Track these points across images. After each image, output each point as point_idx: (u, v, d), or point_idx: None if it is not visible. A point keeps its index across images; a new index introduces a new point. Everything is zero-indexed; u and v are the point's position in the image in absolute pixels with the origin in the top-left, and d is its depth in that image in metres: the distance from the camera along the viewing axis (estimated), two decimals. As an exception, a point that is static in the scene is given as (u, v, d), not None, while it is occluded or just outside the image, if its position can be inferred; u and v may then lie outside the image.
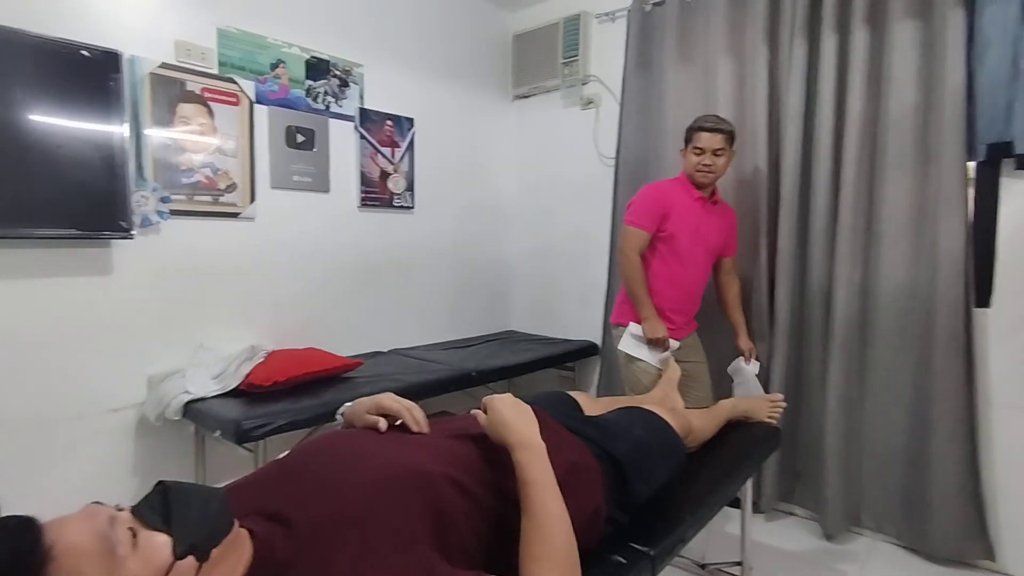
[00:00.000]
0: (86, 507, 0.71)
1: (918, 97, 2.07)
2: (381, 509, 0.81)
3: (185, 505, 0.73)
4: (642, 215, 2.15)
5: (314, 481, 0.87)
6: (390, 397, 1.08)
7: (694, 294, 2.24)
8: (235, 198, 2.27)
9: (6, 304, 1.77)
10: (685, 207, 2.15)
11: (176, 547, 0.69)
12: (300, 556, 0.76)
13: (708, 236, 2.18)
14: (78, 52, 1.78)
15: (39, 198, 1.74)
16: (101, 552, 0.65)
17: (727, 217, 2.27)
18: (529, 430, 0.99)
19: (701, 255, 2.19)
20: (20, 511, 1.79)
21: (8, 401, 1.78)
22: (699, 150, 2.09)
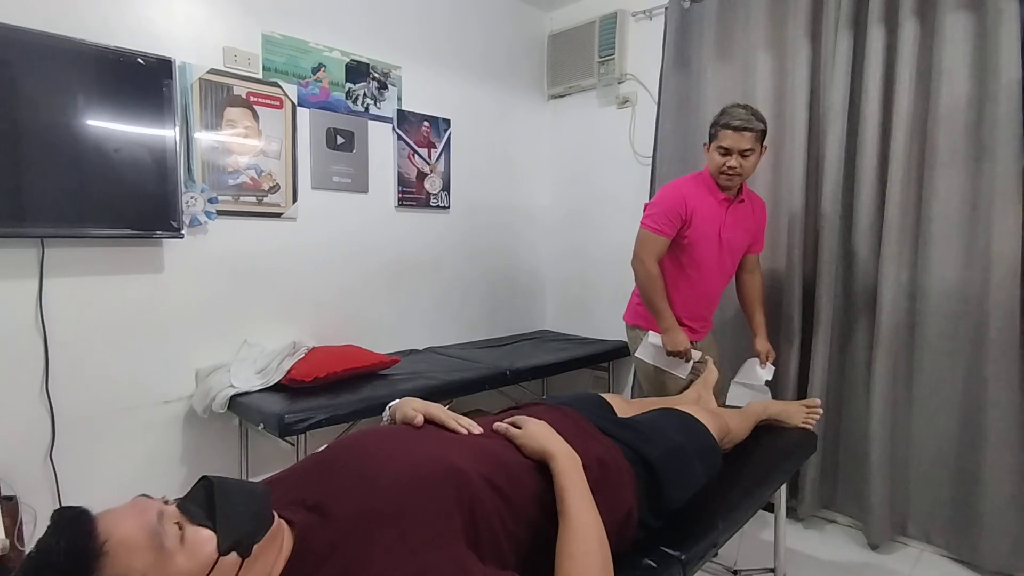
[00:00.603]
0: (134, 500, 0.74)
1: (971, 91, 1.99)
2: (416, 505, 0.83)
3: (229, 501, 0.75)
4: (662, 220, 1.98)
5: (352, 475, 0.89)
6: (439, 408, 1.12)
7: (714, 300, 2.15)
8: (278, 199, 2.35)
9: (67, 301, 1.87)
10: (708, 211, 1.99)
11: (220, 543, 0.71)
12: (336, 549, 0.78)
13: (732, 239, 2.05)
14: (134, 60, 1.87)
15: (97, 199, 1.83)
16: (150, 547, 0.68)
17: (755, 212, 2.10)
18: (565, 443, 1.03)
19: (725, 261, 2.06)
20: (80, 496, 1.90)
21: (69, 393, 1.88)
22: (724, 150, 1.90)
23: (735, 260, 2.11)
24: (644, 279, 2.02)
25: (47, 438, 1.85)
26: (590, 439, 1.16)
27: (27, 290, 1.80)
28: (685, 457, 1.26)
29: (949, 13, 2.00)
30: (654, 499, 1.17)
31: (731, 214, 2.03)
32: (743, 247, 2.10)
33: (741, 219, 2.05)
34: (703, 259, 2.02)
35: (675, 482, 1.21)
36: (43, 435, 1.85)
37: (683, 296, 2.07)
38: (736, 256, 2.10)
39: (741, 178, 1.97)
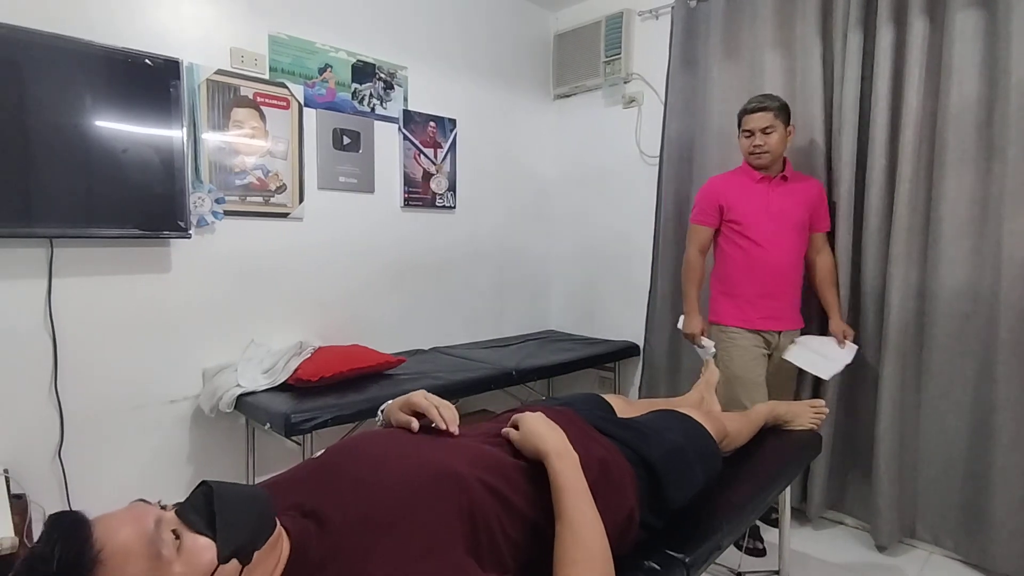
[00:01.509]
0: (131, 505, 0.72)
1: (981, 90, 1.97)
2: (414, 511, 0.82)
3: (228, 508, 0.73)
4: (699, 211, 2.23)
5: (349, 481, 0.88)
6: (421, 395, 1.09)
7: (784, 275, 2.13)
8: (284, 199, 2.36)
9: (75, 300, 1.88)
10: (746, 191, 2.14)
11: (220, 551, 0.70)
12: (334, 557, 0.77)
13: (785, 213, 2.10)
14: (142, 61, 1.88)
15: (105, 200, 1.84)
16: (147, 555, 0.66)
17: (808, 191, 2.15)
18: (563, 440, 1.01)
19: (783, 233, 2.10)
20: (88, 495, 1.91)
21: (77, 392, 1.90)
22: (748, 132, 2.09)
23: (797, 235, 2.12)
24: (684, 265, 2.28)
25: (56, 437, 1.87)
26: (590, 440, 1.15)
27: (36, 290, 1.82)
28: (685, 458, 1.25)
29: (959, 11, 1.98)
30: (655, 499, 1.17)
31: (776, 190, 2.12)
32: (801, 222, 2.12)
33: (789, 194, 2.12)
34: (758, 233, 2.11)
35: (676, 482, 1.20)
36: (52, 434, 1.86)
37: (749, 272, 2.14)
38: (797, 231, 2.12)
39: (770, 155, 2.07)
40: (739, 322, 2.16)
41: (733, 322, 2.17)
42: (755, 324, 2.15)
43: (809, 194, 2.15)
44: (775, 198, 2.11)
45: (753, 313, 2.14)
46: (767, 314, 2.14)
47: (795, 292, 2.18)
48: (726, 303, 2.20)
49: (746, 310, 2.15)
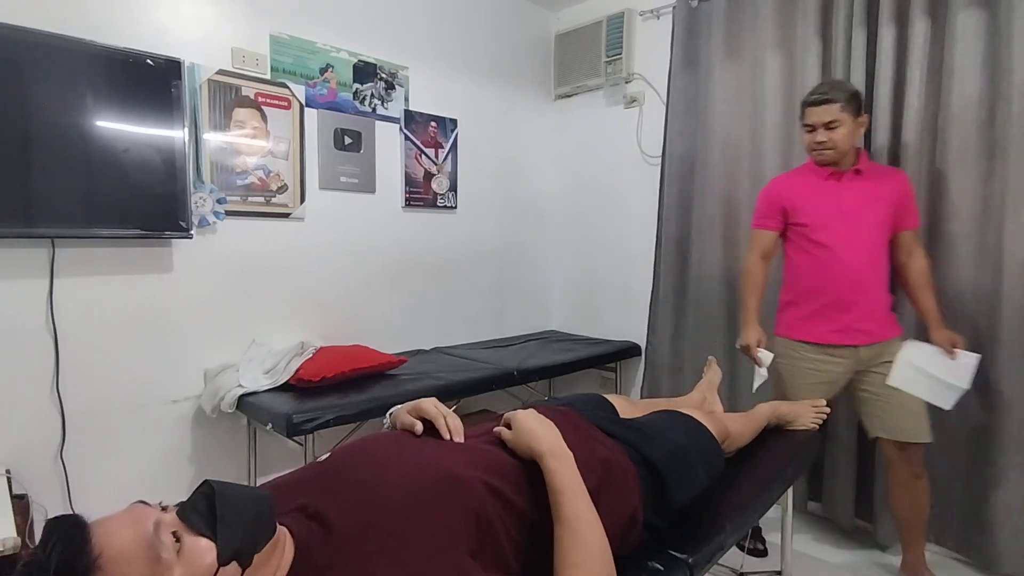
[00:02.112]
0: (131, 508, 0.71)
1: (982, 90, 1.97)
2: (418, 514, 0.82)
3: (229, 509, 0.72)
4: (760, 214, 2.04)
5: (353, 484, 0.88)
6: (431, 402, 1.09)
7: (862, 282, 1.86)
8: (286, 199, 2.36)
9: (77, 300, 1.89)
10: (813, 189, 1.93)
11: (220, 553, 0.69)
12: (337, 559, 0.77)
13: (860, 211, 1.86)
14: (143, 61, 1.88)
15: (107, 200, 1.84)
16: (147, 559, 0.65)
17: (889, 184, 1.88)
18: (557, 439, 1.00)
19: (858, 234, 1.86)
20: (89, 495, 1.91)
21: (79, 392, 1.90)
22: (809, 127, 1.87)
23: (878, 235, 1.87)
24: (742, 273, 2.10)
25: (57, 437, 1.87)
26: (593, 440, 1.15)
27: (38, 290, 1.82)
28: (688, 458, 1.25)
29: (961, 11, 1.98)
30: (658, 499, 1.17)
31: (849, 187, 1.89)
32: (881, 220, 1.86)
33: (865, 190, 1.88)
34: (827, 235, 1.89)
35: (679, 482, 1.20)
36: (53, 434, 1.86)
37: (818, 280, 1.91)
38: (877, 231, 1.87)
39: (835, 152, 1.85)
40: (806, 335, 1.94)
41: (799, 335, 1.95)
42: (825, 338, 1.90)
43: (890, 188, 1.88)
44: (848, 195, 1.87)
45: (823, 325, 1.91)
46: (840, 326, 1.88)
47: (878, 300, 1.89)
48: (793, 314, 1.98)
49: (815, 322, 1.92)
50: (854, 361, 1.90)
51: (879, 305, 1.89)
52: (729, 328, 2.63)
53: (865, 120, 1.88)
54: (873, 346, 1.89)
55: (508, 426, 1.06)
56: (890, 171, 1.96)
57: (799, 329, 1.96)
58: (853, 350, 1.89)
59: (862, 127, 1.88)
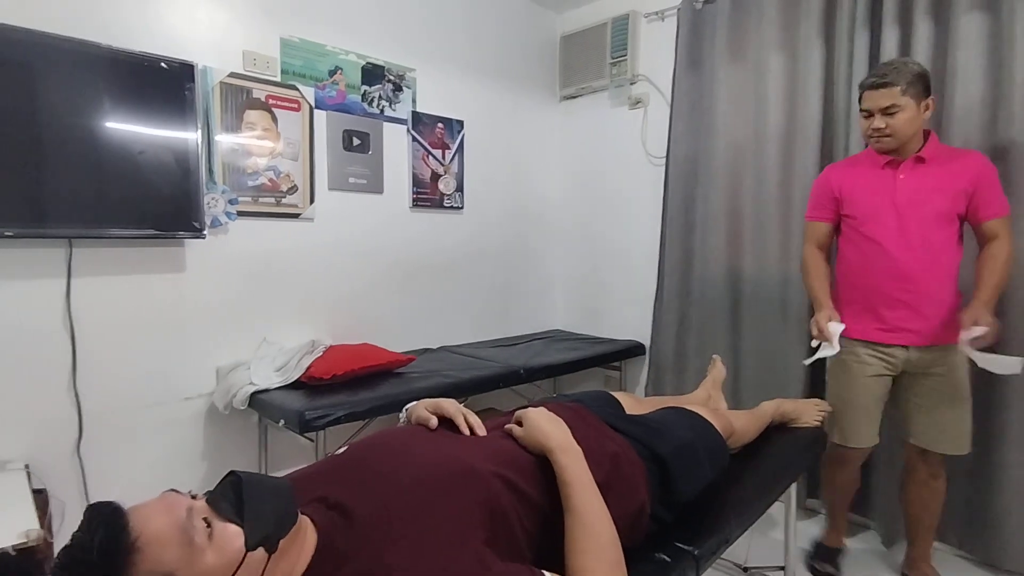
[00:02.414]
0: (163, 495, 0.75)
1: (985, 92, 1.99)
2: (435, 505, 0.85)
3: (256, 498, 0.76)
4: (812, 205, 1.96)
5: (372, 475, 0.92)
6: (450, 402, 1.13)
7: (915, 279, 1.72)
8: (296, 199, 2.39)
9: (93, 299, 1.92)
10: (867, 179, 1.81)
11: (248, 539, 0.73)
12: (358, 547, 0.80)
13: (918, 203, 1.72)
14: (158, 64, 1.92)
15: (123, 201, 1.88)
16: (180, 542, 0.69)
17: (959, 171, 1.70)
18: (566, 435, 1.04)
19: (914, 227, 1.72)
20: (105, 490, 1.94)
21: (95, 389, 1.93)
22: (866, 112, 1.73)
23: (934, 229, 1.72)
24: (801, 267, 2.00)
25: (74, 433, 1.91)
26: (602, 435, 1.19)
27: (56, 289, 1.85)
28: (694, 453, 1.28)
29: (964, 13, 2.00)
30: (665, 493, 1.20)
31: (907, 176, 1.75)
32: (943, 212, 1.71)
33: (926, 179, 1.73)
34: (877, 229, 1.78)
35: (685, 476, 1.23)
36: (71, 430, 1.90)
37: (867, 276, 1.81)
38: (939, 224, 1.72)
39: (893, 139, 1.71)
40: (855, 332, 1.84)
41: (848, 332, 1.83)
42: (871, 335, 1.81)
43: (959, 176, 1.70)
44: (905, 186, 1.74)
45: (870, 323, 1.82)
46: (886, 324, 1.78)
47: (932, 299, 1.73)
48: (843, 311, 1.86)
49: (863, 319, 1.83)
50: (902, 362, 1.80)
51: (935, 305, 1.73)
52: (733, 327, 2.66)
53: (933, 103, 1.72)
54: (924, 349, 1.76)
55: (519, 423, 1.09)
56: (962, 155, 1.75)
57: (849, 326, 1.83)
58: (902, 350, 1.79)
59: (928, 111, 1.72)
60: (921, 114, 1.70)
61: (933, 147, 1.75)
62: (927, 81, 1.70)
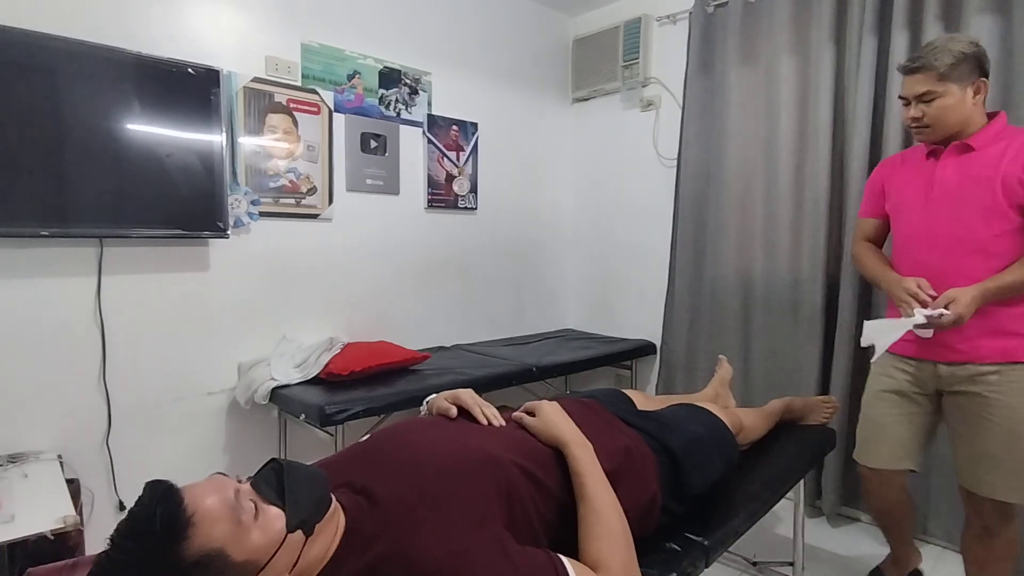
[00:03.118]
0: (213, 477, 0.81)
1: (995, 94, 2.00)
2: (457, 490, 0.90)
3: (296, 484, 0.82)
4: (864, 200, 1.81)
5: (396, 462, 0.96)
6: (467, 393, 1.19)
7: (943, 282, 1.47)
8: (315, 200, 2.45)
9: (122, 297, 1.99)
10: (910, 171, 1.64)
11: (289, 521, 0.78)
12: (383, 531, 0.85)
13: (953, 194, 1.51)
14: (185, 70, 1.99)
15: (152, 202, 1.95)
16: (230, 520, 0.74)
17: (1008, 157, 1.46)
18: (577, 429, 1.10)
19: (944, 223, 1.52)
20: (133, 480, 2.02)
21: (124, 383, 2.00)
22: (904, 100, 1.55)
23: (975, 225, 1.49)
24: (854, 262, 1.87)
25: (104, 425, 1.98)
26: (615, 429, 1.23)
27: (87, 286, 1.93)
28: (705, 446, 1.33)
29: (973, 16, 2.02)
30: (676, 485, 1.24)
31: (948, 168, 1.54)
32: (985, 203, 1.47)
33: (967, 170, 1.51)
34: (907, 226, 1.63)
35: (696, 470, 1.27)
36: (100, 422, 1.97)
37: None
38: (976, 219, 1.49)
39: (933, 130, 1.52)
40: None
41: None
42: (899, 348, 1.60)
43: (1014, 160, 1.45)
44: (942, 177, 1.54)
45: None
46: (914, 335, 1.56)
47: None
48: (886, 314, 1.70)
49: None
50: (931, 377, 1.58)
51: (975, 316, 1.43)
52: (743, 327, 2.69)
53: (984, 85, 1.49)
54: (957, 366, 1.52)
55: (530, 413, 1.14)
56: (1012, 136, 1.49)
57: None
58: (930, 366, 1.57)
59: (981, 94, 1.49)
60: (969, 99, 1.48)
61: (990, 132, 1.50)
62: (978, 60, 1.47)
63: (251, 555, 0.75)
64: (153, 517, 0.70)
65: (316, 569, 0.83)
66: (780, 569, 2.00)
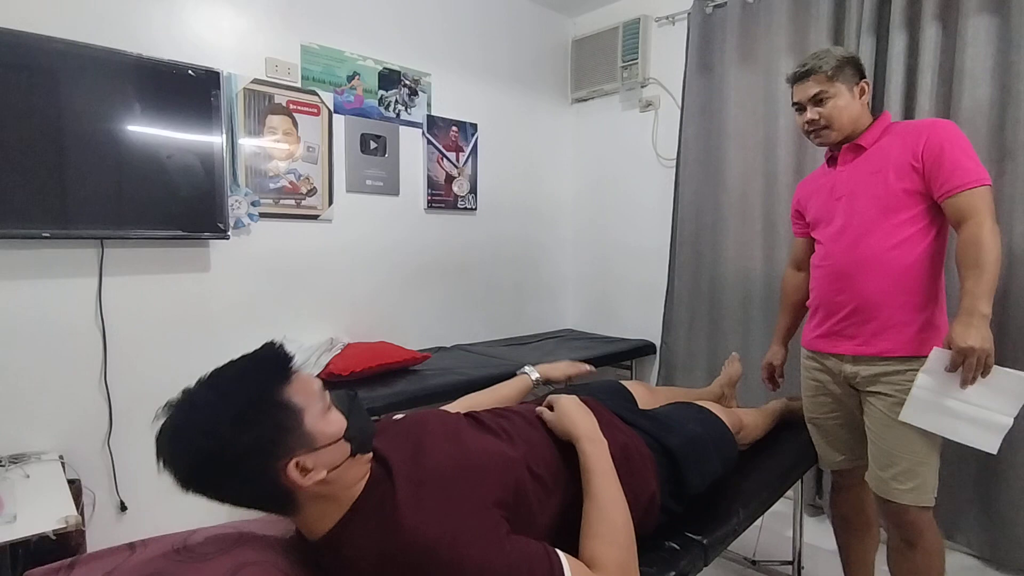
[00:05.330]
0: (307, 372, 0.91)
1: (993, 94, 2.02)
2: (467, 477, 0.92)
3: (359, 411, 0.92)
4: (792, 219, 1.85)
5: (416, 445, 0.99)
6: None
7: (849, 276, 1.51)
8: (315, 201, 2.46)
9: (123, 297, 2.00)
10: (818, 182, 1.68)
11: (348, 428, 0.86)
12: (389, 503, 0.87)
13: (854, 191, 1.53)
14: (185, 72, 1.99)
15: (152, 203, 1.96)
16: (317, 394, 0.86)
17: (900, 146, 1.46)
18: (594, 426, 1.11)
19: (850, 221, 1.53)
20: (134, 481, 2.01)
21: (124, 384, 2.01)
22: (797, 106, 1.59)
23: (876, 218, 1.48)
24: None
25: (105, 426, 1.98)
26: (613, 428, 1.24)
27: (88, 287, 1.93)
28: (704, 446, 1.33)
29: (972, 16, 2.03)
30: (675, 485, 1.25)
31: (845, 168, 1.58)
32: (882, 196, 1.47)
33: (866, 165, 1.53)
34: (821, 233, 1.64)
35: (694, 469, 1.28)
36: (102, 423, 1.98)
37: (815, 282, 1.67)
38: (876, 212, 1.48)
39: (832, 131, 1.55)
40: (802, 340, 1.73)
41: (801, 341, 1.75)
42: (811, 343, 1.67)
43: (902, 151, 1.45)
44: (842, 178, 1.58)
45: (811, 329, 1.67)
46: (824, 331, 1.60)
47: (877, 301, 1.47)
48: (808, 321, 1.73)
49: (808, 325, 1.70)
50: (845, 375, 1.57)
51: (879, 304, 1.47)
52: (742, 327, 2.69)
53: (866, 86, 1.56)
54: (863, 360, 1.51)
55: (550, 407, 1.16)
56: (912, 128, 1.51)
57: (803, 335, 1.74)
58: (837, 360, 1.58)
59: (864, 95, 1.56)
60: (856, 99, 1.54)
61: (877, 130, 1.54)
62: (856, 64, 1.55)
63: (315, 431, 0.82)
64: (278, 350, 0.85)
65: (338, 502, 0.87)
66: (779, 568, 2.01)
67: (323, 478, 0.82)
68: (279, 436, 0.80)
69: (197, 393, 0.83)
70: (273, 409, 0.80)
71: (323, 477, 0.82)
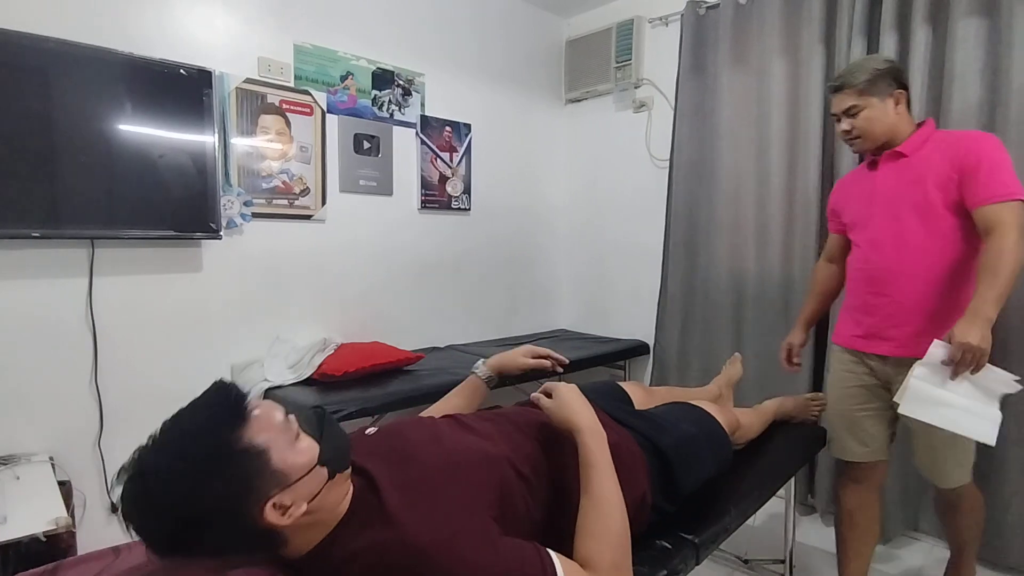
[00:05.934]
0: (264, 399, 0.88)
1: (983, 95, 2.03)
2: (454, 480, 0.92)
3: (332, 430, 0.88)
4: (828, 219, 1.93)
5: (397, 453, 0.98)
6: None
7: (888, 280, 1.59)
8: (308, 201, 2.45)
9: (114, 298, 1.99)
10: (857, 184, 1.75)
11: (321, 454, 0.84)
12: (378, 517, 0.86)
13: (891, 197, 1.60)
14: (177, 71, 1.99)
15: (144, 203, 1.94)
16: (280, 429, 0.81)
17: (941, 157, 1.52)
18: (595, 418, 1.07)
19: (888, 225, 1.60)
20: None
21: (115, 385, 2.00)
22: (835, 116, 1.67)
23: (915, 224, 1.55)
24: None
25: (96, 427, 1.97)
26: (605, 427, 1.23)
27: (79, 288, 1.92)
28: (696, 446, 1.33)
29: (961, 19, 2.04)
30: (667, 484, 1.25)
31: (885, 174, 1.64)
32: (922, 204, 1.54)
33: (903, 173, 1.59)
34: (859, 233, 1.71)
35: (686, 469, 1.28)
36: (92, 424, 1.97)
37: (852, 281, 1.75)
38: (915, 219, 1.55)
39: (864, 140, 1.62)
40: (836, 338, 1.81)
41: (834, 338, 1.84)
42: (849, 342, 1.73)
43: (941, 160, 1.52)
44: (882, 184, 1.64)
45: (848, 328, 1.74)
46: (863, 331, 1.67)
47: (911, 302, 1.56)
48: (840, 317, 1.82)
49: (844, 324, 1.77)
50: (882, 373, 1.66)
51: (914, 309, 1.55)
52: (735, 327, 2.71)
53: (902, 96, 1.60)
54: (904, 361, 1.53)
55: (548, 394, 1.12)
56: (955, 137, 1.56)
57: (835, 332, 1.83)
58: (880, 361, 1.65)
59: (900, 104, 1.60)
60: (891, 109, 1.59)
61: (919, 138, 1.59)
62: (895, 74, 1.59)
63: (286, 467, 0.79)
64: (230, 393, 0.80)
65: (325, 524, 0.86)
66: (772, 567, 2.02)
67: (304, 511, 0.80)
68: (248, 483, 0.76)
69: (152, 459, 0.76)
70: (235, 458, 0.76)
71: (304, 510, 0.80)
